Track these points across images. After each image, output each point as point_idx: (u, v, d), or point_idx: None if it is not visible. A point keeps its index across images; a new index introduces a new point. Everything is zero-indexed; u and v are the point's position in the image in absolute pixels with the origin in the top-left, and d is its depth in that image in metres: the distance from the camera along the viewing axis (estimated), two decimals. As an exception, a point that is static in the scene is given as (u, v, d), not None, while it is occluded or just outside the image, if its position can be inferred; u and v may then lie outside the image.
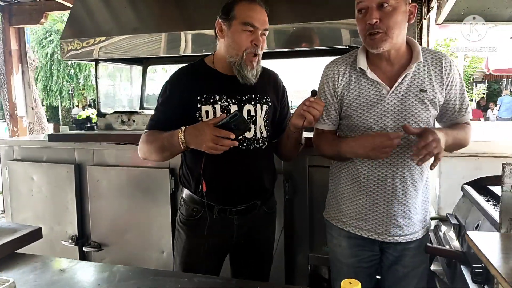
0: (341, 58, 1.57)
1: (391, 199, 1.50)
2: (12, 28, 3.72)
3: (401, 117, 1.46)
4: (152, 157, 1.60)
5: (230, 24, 1.53)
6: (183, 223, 1.68)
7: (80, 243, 2.79)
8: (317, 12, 2.51)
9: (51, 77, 16.97)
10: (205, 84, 1.58)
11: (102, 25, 2.97)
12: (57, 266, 1.48)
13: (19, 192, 2.94)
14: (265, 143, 1.65)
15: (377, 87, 1.48)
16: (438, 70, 1.49)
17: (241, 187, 1.61)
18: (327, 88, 1.56)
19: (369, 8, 1.38)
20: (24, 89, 3.86)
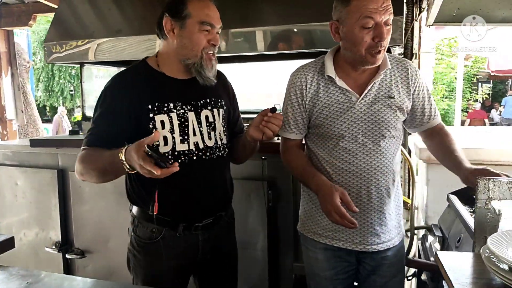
0: (308, 65, 1.53)
1: (367, 207, 1.48)
2: (0, 30, 3.67)
3: (371, 123, 1.46)
4: (92, 180, 1.41)
5: (183, 23, 1.40)
6: (140, 246, 1.49)
7: (63, 250, 2.74)
8: (303, 13, 2.44)
9: (52, 78, 17.01)
10: (155, 90, 1.43)
11: (86, 27, 2.92)
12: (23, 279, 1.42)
13: (4, 197, 2.89)
14: (225, 150, 1.57)
15: (346, 94, 1.46)
16: (404, 77, 1.50)
17: (209, 199, 1.51)
18: (294, 97, 1.51)
19: (378, 25, 1.34)
20: (14, 92, 3.82)
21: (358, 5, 1.33)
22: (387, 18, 1.34)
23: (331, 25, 1.44)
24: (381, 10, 1.32)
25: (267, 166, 2.22)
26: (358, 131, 1.46)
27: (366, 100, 1.45)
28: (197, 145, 1.46)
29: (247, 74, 3.25)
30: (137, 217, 1.50)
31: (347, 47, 1.42)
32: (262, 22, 2.54)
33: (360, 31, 1.34)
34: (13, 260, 2.78)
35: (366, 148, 1.46)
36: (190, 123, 1.45)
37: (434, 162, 2.03)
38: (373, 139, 1.46)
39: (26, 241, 2.85)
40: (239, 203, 2.23)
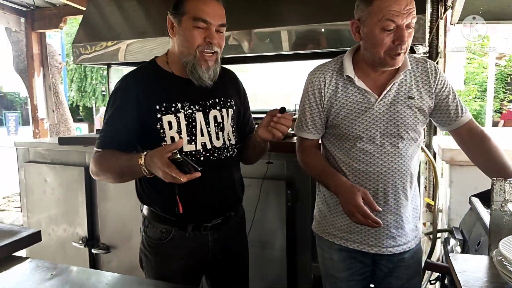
0: (327, 65, 1.51)
1: (384, 209, 1.45)
2: (34, 33, 3.83)
3: (390, 124, 1.44)
4: (108, 181, 1.46)
5: (180, 20, 1.37)
6: (150, 247, 1.49)
7: (89, 245, 2.83)
8: (323, 13, 2.43)
9: (85, 78, 17.53)
10: (164, 90, 1.41)
11: (113, 29, 3.01)
12: (48, 271, 1.48)
13: (33, 193, 3.01)
14: (234, 151, 1.54)
15: (365, 95, 1.44)
16: (424, 76, 1.47)
17: (217, 200, 1.49)
18: (312, 96, 1.49)
19: (399, 28, 1.30)
20: (45, 92, 3.97)
21: (380, 6, 1.29)
22: (409, 21, 1.30)
23: (352, 24, 1.41)
24: (403, 13, 1.28)
25: (286, 166, 2.23)
26: (376, 132, 1.43)
27: (385, 101, 1.43)
28: (205, 145, 1.44)
29: (266, 74, 3.26)
30: (147, 217, 1.51)
31: (367, 48, 1.39)
32: (283, 22, 2.54)
33: (381, 33, 1.31)
34: (42, 254, 2.90)
35: (384, 150, 1.44)
36: (198, 124, 1.44)
37: (457, 164, 1.98)
38: (391, 141, 1.44)
39: (54, 236, 2.96)
40: (258, 202, 2.25)
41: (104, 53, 2.98)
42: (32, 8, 3.73)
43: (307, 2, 2.55)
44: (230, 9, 2.66)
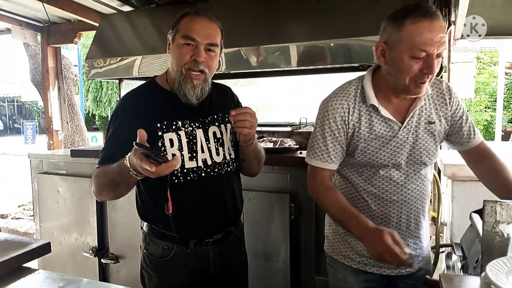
0: (346, 91, 1.43)
1: (405, 234, 1.45)
2: (49, 47, 3.95)
3: (413, 152, 1.41)
4: (108, 195, 1.44)
5: (174, 38, 1.41)
6: (152, 264, 1.50)
7: (99, 254, 2.89)
8: (327, 30, 2.47)
9: (100, 88, 17.86)
10: (164, 108, 1.42)
11: (125, 45, 3.09)
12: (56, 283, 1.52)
13: (46, 203, 3.10)
14: (234, 165, 1.55)
15: (389, 123, 1.39)
16: (441, 98, 1.44)
17: (219, 215, 1.50)
18: (334, 124, 1.40)
19: (429, 57, 1.23)
20: (60, 104, 4.08)
21: (412, 33, 1.22)
22: (440, 50, 1.24)
23: (377, 47, 1.34)
24: (436, 42, 1.21)
25: (289, 180, 2.26)
26: (401, 160, 1.40)
27: (408, 128, 1.39)
28: (205, 161, 1.46)
29: (272, 87, 3.30)
30: (148, 234, 1.51)
31: (391, 73, 1.33)
32: (289, 39, 2.59)
33: (410, 60, 1.25)
34: (53, 263, 2.98)
35: (408, 177, 1.42)
36: (198, 140, 1.45)
37: (459, 179, 1.99)
38: (414, 167, 1.42)
39: (65, 246, 3.03)
40: (262, 214, 2.29)
41: (116, 68, 3.06)
42: (48, 23, 3.86)
43: (313, 19, 2.60)
44: (240, 26, 2.75)
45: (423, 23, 1.21)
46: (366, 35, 2.27)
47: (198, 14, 1.42)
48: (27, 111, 28.12)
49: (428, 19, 1.21)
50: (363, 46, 2.32)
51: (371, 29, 2.28)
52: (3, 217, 5.74)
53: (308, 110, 2.90)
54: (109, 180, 1.34)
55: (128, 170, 1.22)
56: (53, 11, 3.41)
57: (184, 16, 1.43)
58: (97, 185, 1.40)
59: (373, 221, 1.40)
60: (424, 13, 1.22)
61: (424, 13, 1.22)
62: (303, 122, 2.89)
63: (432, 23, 1.21)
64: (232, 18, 2.84)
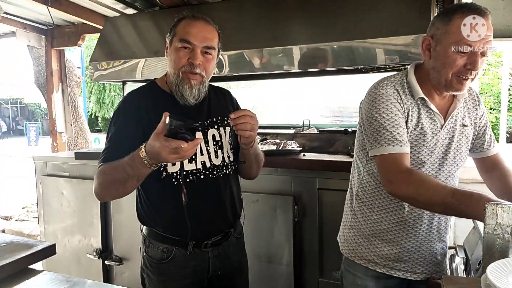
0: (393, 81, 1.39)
1: (435, 238, 1.46)
2: (53, 50, 3.98)
3: (449, 152, 1.41)
4: (113, 193, 1.40)
5: (171, 41, 1.44)
6: (152, 267, 1.51)
7: (103, 256, 2.91)
8: (332, 32, 2.49)
9: (103, 90, 17.95)
10: (164, 109, 1.35)
11: (128, 47, 3.11)
12: (61, 284, 1.53)
13: (50, 205, 3.12)
14: (233, 168, 1.56)
15: (434, 119, 1.38)
16: (472, 103, 1.46)
17: (218, 217, 1.52)
18: (393, 106, 1.34)
19: (474, 53, 1.24)
20: (63, 106, 4.11)
21: (460, 26, 1.23)
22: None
23: (424, 40, 1.34)
24: (483, 39, 1.23)
25: (293, 182, 2.27)
26: (437, 159, 1.40)
27: (448, 127, 1.40)
28: (204, 164, 1.47)
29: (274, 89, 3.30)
30: (147, 236, 1.52)
31: (436, 67, 1.31)
32: (291, 41, 2.60)
33: (455, 54, 1.25)
34: (58, 265, 2.99)
35: (442, 178, 1.42)
36: None
37: (461, 181, 1.99)
38: (449, 169, 1.42)
39: (69, 247, 3.05)
40: (266, 217, 2.30)
41: (120, 70, 3.09)
42: (52, 26, 3.88)
43: (315, 21, 2.62)
44: (243, 28, 2.76)
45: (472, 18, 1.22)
46: (369, 37, 2.28)
47: (195, 17, 1.44)
48: (30, 113, 28.25)
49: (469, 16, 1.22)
50: (365, 48, 2.33)
51: (374, 31, 2.30)
52: (7, 219, 5.77)
53: (311, 112, 2.93)
54: (119, 175, 1.31)
55: (143, 161, 1.22)
56: (57, 14, 3.43)
57: (181, 20, 1.44)
58: (102, 182, 1.36)
59: (405, 223, 1.42)
60: (473, 9, 1.23)
61: (474, 10, 1.23)
62: (306, 124, 2.90)
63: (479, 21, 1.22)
64: (235, 21, 2.86)
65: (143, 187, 1.49)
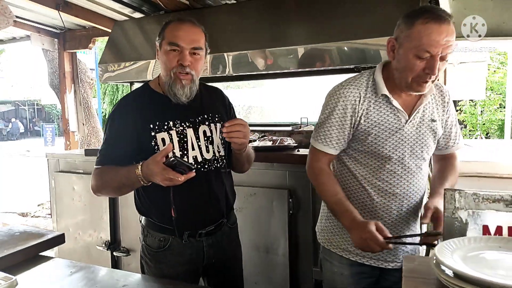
0: (358, 81, 1.48)
1: (403, 228, 1.52)
2: (66, 52, 4.16)
3: (416, 146, 1.48)
4: (109, 194, 1.58)
5: (161, 45, 1.51)
6: (150, 255, 1.61)
7: (111, 248, 3.06)
8: (327, 33, 2.59)
9: (117, 91, 18.26)
10: (156, 110, 1.52)
11: (136, 50, 3.26)
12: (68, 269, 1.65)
13: (62, 200, 3.28)
14: (223, 161, 1.65)
15: (397, 115, 1.45)
16: (441, 100, 1.52)
17: (210, 208, 1.61)
18: (343, 111, 1.46)
19: (433, 57, 1.29)
20: (76, 106, 4.29)
21: (421, 32, 1.28)
22: (445, 53, 1.29)
23: (389, 41, 1.40)
24: (441, 44, 1.27)
25: (288, 176, 2.38)
26: (404, 153, 1.46)
27: (413, 122, 1.46)
28: (196, 158, 1.55)
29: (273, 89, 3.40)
30: (146, 227, 1.62)
31: (398, 69, 1.38)
32: (290, 42, 2.71)
33: (414, 58, 1.31)
34: (69, 257, 3.13)
35: (410, 171, 1.48)
36: (188, 139, 1.55)
37: (462, 175, 2.07)
38: (416, 162, 1.48)
39: (80, 240, 3.21)
40: (263, 210, 2.42)
41: (127, 71, 3.23)
42: (64, 30, 4.06)
43: (312, 23, 2.72)
44: (245, 30, 2.87)
45: (432, 24, 1.27)
46: (361, 38, 2.38)
47: (181, 20, 1.52)
48: (47, 114, 28.81)
49: (437, 22, 1.27)
50: (359, 49, 2.43)
51: (368, 32, 2.39)
52: (23, 215, 6.00)
53: (308, 110, 3.03)
54: (116, 181, 1.49)
55: (138, 177, 1.39)
56: (68, 19, 3.60)
57: (169, 24, 1.52)
58: (101, 184, 1.53)
59: (375, 212, 1.50)
60: (435, 15, 1.28)
61: (435, 16, 1.28)
62: (303, 122, 3.01)
63: (441, 26, 1.27)
64: (237, 23, 2.98)
65: None
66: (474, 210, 1.12)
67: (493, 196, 1.10)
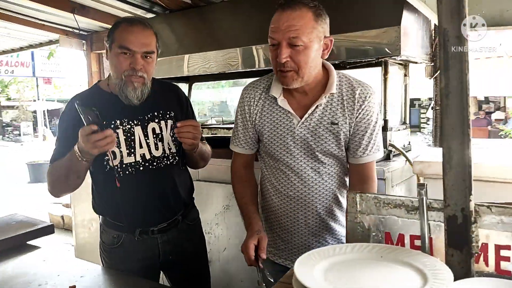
0: (258, 82, 1.53)
1: (304, 231, 1.49)
2: (93, 53, 4.40)
3: (311, 149, 1.43)
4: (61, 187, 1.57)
5: (110, 46, 1.51)
6: (106, 251, 1.66)
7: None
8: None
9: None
10: (104, 110, 1.49)
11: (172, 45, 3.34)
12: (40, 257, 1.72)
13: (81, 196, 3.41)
14: (175, 158, 1.65)
15: (288, 116, 1.43)
16: (351, 101, 1.41)
17: (159, 205, 1.62)
18: (242, 111, 1.53)
19: (280, 45, 1.30)
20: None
21: (271, 22, 1.33)
22: (290, 37, 1.27)
23: None
24: (282, 30, 1.28)
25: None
26: (297, 155, 1.43)
27: (306, 124, 1.41)
28: (144, 156, 1.57)
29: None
30: (102, 224, 1.68)
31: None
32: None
33: (270, 49, 1.34)
34: (88, 252, 3.32)
35: (304, 175, 1.44)
36: (136, 137, 1.56)
37: (428, 177, 1.93)
38: (312, 165, 1.43)
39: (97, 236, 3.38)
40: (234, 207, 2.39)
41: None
42: (90, 32, 4.29)
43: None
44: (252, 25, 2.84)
45: (276, 14, 1.31)
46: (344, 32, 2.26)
47: (132, 23, 1.51)
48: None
49: (279, 10, 1.30)
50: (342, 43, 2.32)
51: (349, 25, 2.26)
52: (67, 206, 6.42)
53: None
54: (61, 171, 1.50)
55: (76, 155, 1.39)
56: (93, 21, 3.78)
57: (118, 25, 1.51)
58: (50, 181, 1.57)
59: (275, 214, 1.51)
60: (281, 4, 1.31)
61: (279, 4, 1.31)
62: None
63: (282, 13, 1.29)
64: (242, 21, 2.96)
65: (93, 181, 1.65)
66: (376, 215, 1.04)
67: (394, 201, 1.00)
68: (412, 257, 0.88)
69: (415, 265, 0.85)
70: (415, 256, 0.89)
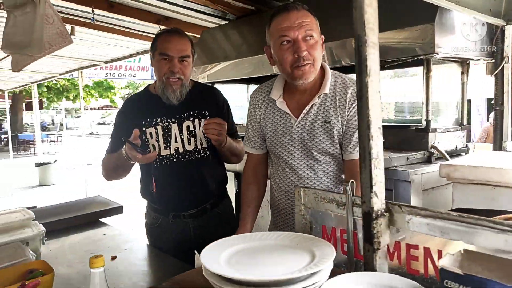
0: (263, 86, 1.63)
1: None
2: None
3: (306, 147, 1.49)
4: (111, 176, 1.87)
5: (154, 54, 1.75)
6: (148, 230, 1.92)
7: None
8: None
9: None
10: (148, 109, 1.79)
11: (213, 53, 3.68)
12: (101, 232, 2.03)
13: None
14: (206, 153, 1.82)
15: (287, 116, 1.51)
16: (343, 100, 1.45)
17: (188, 194, 1.80)
18: (250, 114, 1.65)
19: (294, 41, 1.37)
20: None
21: (275, 26, 1.41)
22: (305, 31, 1.36)
23: (266, 50, 1.51)
24: (295, 26, 1.36)
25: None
26: (294, 154, 1.50)
27: (302, 124, 1.47)
28: (178, 150, 1.78)
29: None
30: (147, 206, 1.93)
31: (279, 67, 1.47)
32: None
33: (280, 49, 1.40)
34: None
35: (300, 171, 1.50)
36: (172, 133, 1.78)
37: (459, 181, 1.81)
38: (308, 163, 1.49)
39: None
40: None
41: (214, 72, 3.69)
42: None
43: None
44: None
45: (280, 16, 1.40)
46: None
47: (170, 33, 1.77)
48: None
49: (284, 12, 1.39)
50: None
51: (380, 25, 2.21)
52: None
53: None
54: (112, 164, 1.84)
55: (124, 156, 1.67)
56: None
57: (159, 36, 1.77)
58: (104, 169, 1.90)
59: (278, 208, 1.59)
60: (280, 9, 1.41)
61: (281, 9, 1.41)
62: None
63: (288, 14, 1.38)
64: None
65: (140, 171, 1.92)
66: (315, 209, 1.10)
67: (328, 196, 1.06)
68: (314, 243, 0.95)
69: (312, 249, 0.91)
70: (316, 241, 0.96)
